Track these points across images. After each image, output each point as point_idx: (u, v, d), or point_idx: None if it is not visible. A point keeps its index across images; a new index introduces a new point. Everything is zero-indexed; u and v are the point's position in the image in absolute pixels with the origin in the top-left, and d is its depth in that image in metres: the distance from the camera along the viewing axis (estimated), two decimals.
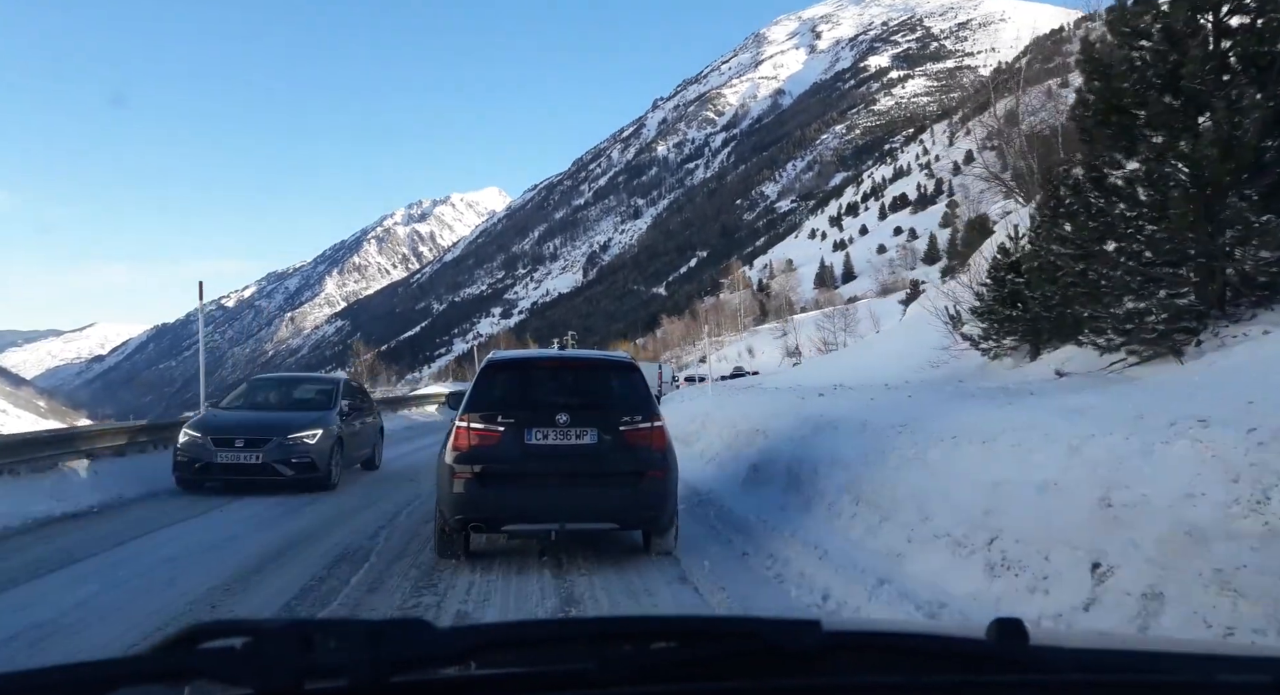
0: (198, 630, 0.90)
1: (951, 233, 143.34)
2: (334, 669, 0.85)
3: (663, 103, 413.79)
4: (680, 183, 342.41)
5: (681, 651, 0.96)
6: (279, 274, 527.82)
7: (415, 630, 0.89)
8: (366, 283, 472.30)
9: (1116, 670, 1.02)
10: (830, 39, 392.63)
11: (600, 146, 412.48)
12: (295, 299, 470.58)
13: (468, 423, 6.09)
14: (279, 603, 5.35)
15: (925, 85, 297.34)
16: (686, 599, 5.47)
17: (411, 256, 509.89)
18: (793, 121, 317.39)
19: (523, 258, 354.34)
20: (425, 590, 5.64)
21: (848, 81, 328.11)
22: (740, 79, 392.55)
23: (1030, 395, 7.91)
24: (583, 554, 6.51)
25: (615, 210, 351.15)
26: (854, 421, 7.70)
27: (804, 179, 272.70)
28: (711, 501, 8.62)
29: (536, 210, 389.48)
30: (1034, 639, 1.01)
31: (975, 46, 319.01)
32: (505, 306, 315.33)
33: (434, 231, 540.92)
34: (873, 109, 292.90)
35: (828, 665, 0.96)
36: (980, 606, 4.33)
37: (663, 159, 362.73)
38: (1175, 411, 4.33)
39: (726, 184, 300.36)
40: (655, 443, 6.19)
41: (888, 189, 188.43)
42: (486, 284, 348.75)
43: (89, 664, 0.85)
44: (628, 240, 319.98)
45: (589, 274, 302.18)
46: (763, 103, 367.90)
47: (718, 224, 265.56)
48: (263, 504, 9.22)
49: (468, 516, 5.99)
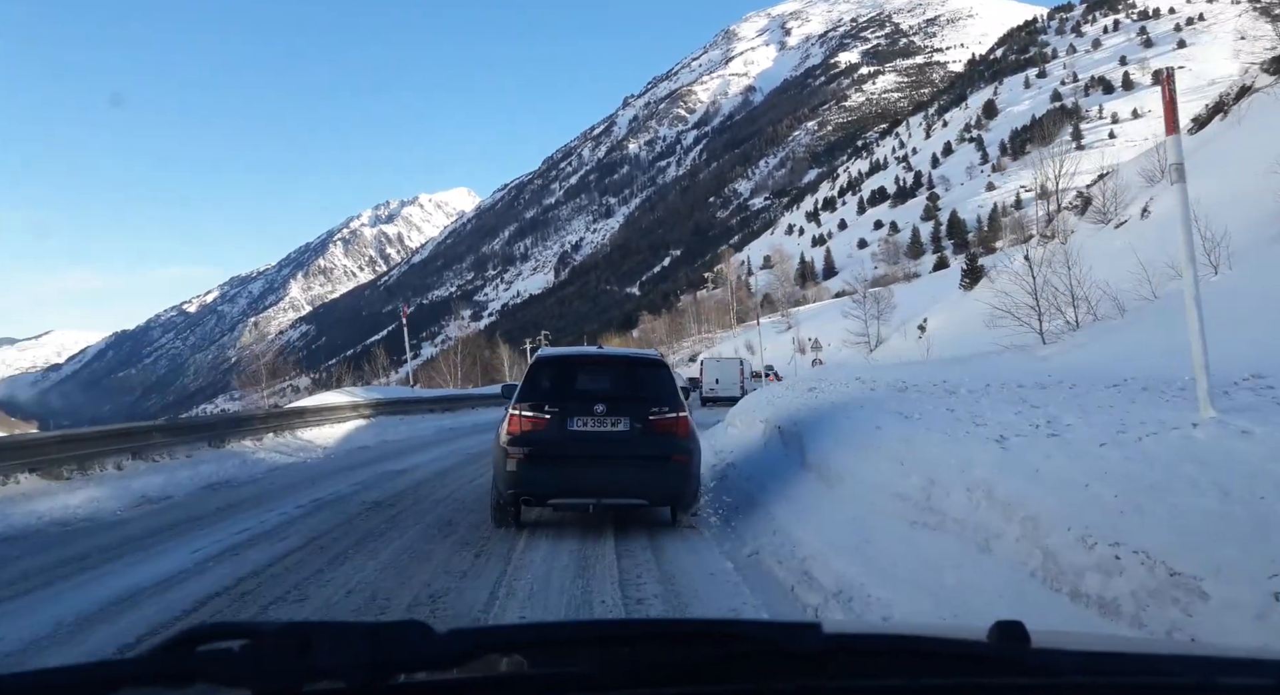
0: (197, 632, 0.90)
1: (934, 225, 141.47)
2: (332, 671, 0.85)
3: (633, 100, 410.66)
4: (652, 181, 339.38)
5: (681, 654, 0.96)
6: (242, 278, 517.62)
7: (413, 633, 0.88)
8: (332, 286, 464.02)
9: (1118, 672, 1.02)
10: (800, 36, 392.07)
11: (571, 145, 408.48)
12: (259, 303, 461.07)
13: (519, 411, 6.94)
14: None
15: (896, 81, 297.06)
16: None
17: (379, 258, 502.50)
18: (764, 118, 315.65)
19: (493, 258, 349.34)
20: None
21: (818, 78, 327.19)
22: (711, 76, 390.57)
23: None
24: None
25: (587, 209, 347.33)
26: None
27: (777, 176, 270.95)
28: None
29: (506, 210, 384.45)
30: (1035, 641, 1.01)
31: (944, 42, 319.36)
32: (475, 308, 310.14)
33: (402, 233, 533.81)
34: (844, 105, 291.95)
35: (829, 667, 0.95)
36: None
37: (634, 157, 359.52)
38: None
39: (699, 182, 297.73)
40: (680, 430, 6.93)
41: (865, 183, 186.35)
42: (456, 285, 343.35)
43: (89, 665, 0.85)
44: (600, 239, 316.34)
45: (561, 274, 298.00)
46: (734, 100, 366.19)
47: (691, 222, 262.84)
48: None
49: (519, 491, 6.82)
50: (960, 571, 4.14)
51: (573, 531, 7.05)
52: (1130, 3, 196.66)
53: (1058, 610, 3.45)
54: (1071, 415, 5.47)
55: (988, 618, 0.94)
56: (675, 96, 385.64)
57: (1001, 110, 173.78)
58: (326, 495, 9.33)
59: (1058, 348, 15.56)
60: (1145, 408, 5.44)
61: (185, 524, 7.66)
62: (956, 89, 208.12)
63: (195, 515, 8.17)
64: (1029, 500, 4.08)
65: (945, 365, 15.24)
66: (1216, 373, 4.84)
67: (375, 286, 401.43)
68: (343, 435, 16.65)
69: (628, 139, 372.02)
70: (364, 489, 9.82)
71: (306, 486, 10.15)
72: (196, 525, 7.56)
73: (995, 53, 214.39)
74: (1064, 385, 8.14)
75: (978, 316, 22.20)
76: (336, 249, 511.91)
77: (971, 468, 4.76)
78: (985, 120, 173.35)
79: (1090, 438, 4.59)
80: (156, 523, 7.79)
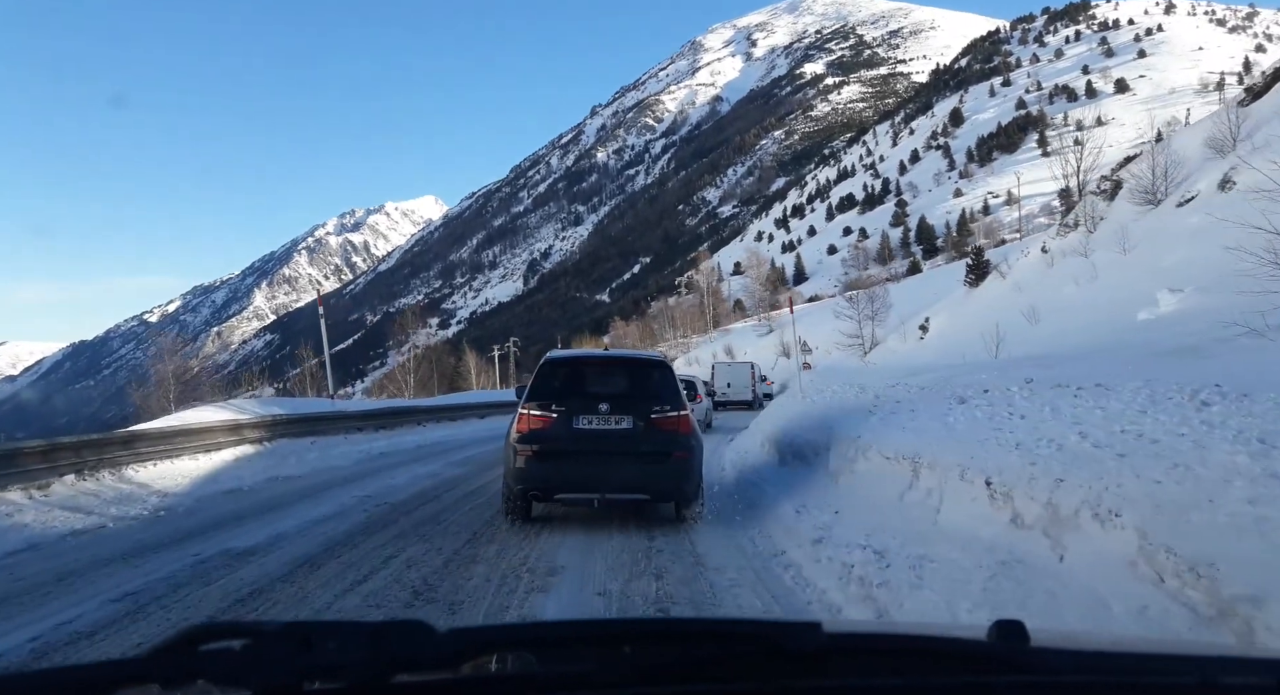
0: (198, 632, 0.90)
1: (903, 231, 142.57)
2: (333, 670, 0.85)
3: (601, 109, 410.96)
4: (621, 189, 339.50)
5: (681, 653, 0.95)
6: (205, 287, 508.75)
7: (415, 632, 0.88)
8: (297, 295, 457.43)
9: (1117, 672, 1.01)
10: (766, 47, 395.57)
11: (539, 153, 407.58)
12: (222, 313, 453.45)
13: (528, 410, 7.23)
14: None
15: (860, 91, 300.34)
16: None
17: (344, 267, 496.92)
18: (732, 128, 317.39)
19: (461, 266, 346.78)
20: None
21: (784, 88, 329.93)
22: (678, 86, 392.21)
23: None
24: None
25: (556, 217, 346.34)
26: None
27: (745, 184, 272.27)
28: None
29: (474, 218, 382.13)
30: (1035, 640, 1.01)
31: (907, 53, 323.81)
32: (443, 316, 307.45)
33: (368, 241, 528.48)
34: (810, 115, 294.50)
35: (829, 667, 0.95)
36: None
37: (603, 165, 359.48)
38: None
39: (668, 190, 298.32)
40: (681, 429, 7.22)
41: (833, 190, 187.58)
42: (423, 293, 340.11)
43: (89, 665, 0.85)
44: (569, 247, 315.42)
45: (530, 281, 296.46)
46: (701, 109, 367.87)
47: (660, 230, 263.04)
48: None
49: (527, 486, 7.15)
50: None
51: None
52: (1091, 14, 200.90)
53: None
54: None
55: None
56: (643, 106, 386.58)
57: (968, 118, 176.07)
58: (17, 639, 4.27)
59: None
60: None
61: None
62: (923, 97, 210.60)
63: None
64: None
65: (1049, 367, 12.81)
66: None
67: (341, 295, 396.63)
68: (210, 471, 11.21)
69: (596, 148, 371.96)
70: (128, 616, 4.71)
71: (20, 601, 5.06)
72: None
73: (960, 62, 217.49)
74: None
75: (987, 315, 21.56)
76: (301, 258, 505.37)
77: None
78: (952, 128, 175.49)
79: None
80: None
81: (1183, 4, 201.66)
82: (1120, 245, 16.95)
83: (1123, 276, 16.65)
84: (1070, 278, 20.19)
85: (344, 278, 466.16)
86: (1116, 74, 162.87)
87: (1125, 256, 16.81)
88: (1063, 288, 19.62)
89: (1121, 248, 16.92)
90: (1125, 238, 17.20)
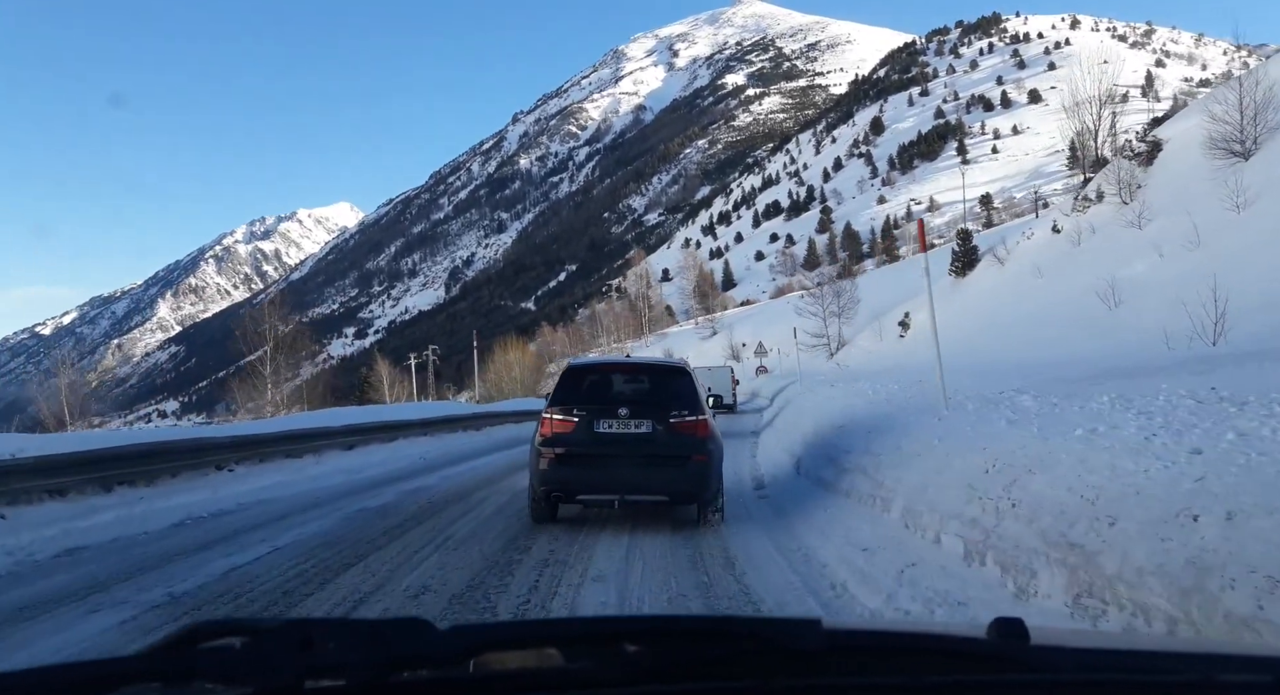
0: (198, 629, 0.89)
1: (829, 238, 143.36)
2: (334, 668, 0.84)
3: (524, 116, 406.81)
4: (545, 196, 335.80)
5: (682, 651, 0.94)
6: (104, 298, 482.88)
7: (415, 630, 0.87)
8: (204, 305, 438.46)
9: (1117, 670, 1.01)
10: (687, 57, 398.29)
11: (460, 159, 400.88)
12: (123, 324, 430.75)
13: (551, 414, 7.32)
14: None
15: (781, 102, 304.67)
16: None
17: (255, 276, 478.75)
18: (656, 136, 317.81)
19: (378, 275, 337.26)
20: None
21: (707, 98, 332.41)
22: (601, 94, 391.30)
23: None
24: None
25: (478, 224, 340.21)
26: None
27: (670, 192, 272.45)
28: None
29: (392, 225, 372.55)
30: (1034, 638, 1.00)
31: (825, 66, 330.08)
32: (359, 326, 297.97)
33: (280, 249, 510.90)
34: (733, 125, 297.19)
35: (828, 665, 0.94)
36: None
37: (526, 172, 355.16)
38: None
39: (593, 197, 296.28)
40: (699, 432, 7.19)
41: (759, 197, 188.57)
42: (338, 303, 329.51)
43: (89, 663, 0.85)
44: (493, 255, 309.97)
45: (452, 290, 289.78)
46: (625, 118, 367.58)
47: (586, 237, 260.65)
48: None
49: (550, 488, 7.23)
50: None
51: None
52: (1002, 28, 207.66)
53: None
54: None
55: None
56: (566, 113, 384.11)
57: (888, 126, 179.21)
58: None
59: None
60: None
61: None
62: (844, 106, 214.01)
63: None
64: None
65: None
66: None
67: (251, 304, 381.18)
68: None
69: (519, 154, 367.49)
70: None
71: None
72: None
73: (879, 72, 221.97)
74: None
75: (987, 306, 19.16)
76: (209, 266, 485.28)
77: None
78: (873, 136, 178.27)
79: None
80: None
81: (1086, 20, 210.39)
82: (1230, 202, 14.45)
83: (1241, 239, 13.82)
84: (1149, 247, 17.35)
85: (254, 287, 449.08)
86: (1029, 85, 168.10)
87: (1240, 216, 14.21)
88: (1133, 262, 17.07)
89: (1234, 205, 14.44)
90: (1240, 192, 14.59)
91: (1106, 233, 21.56)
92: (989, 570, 4.22)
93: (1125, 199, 23.02)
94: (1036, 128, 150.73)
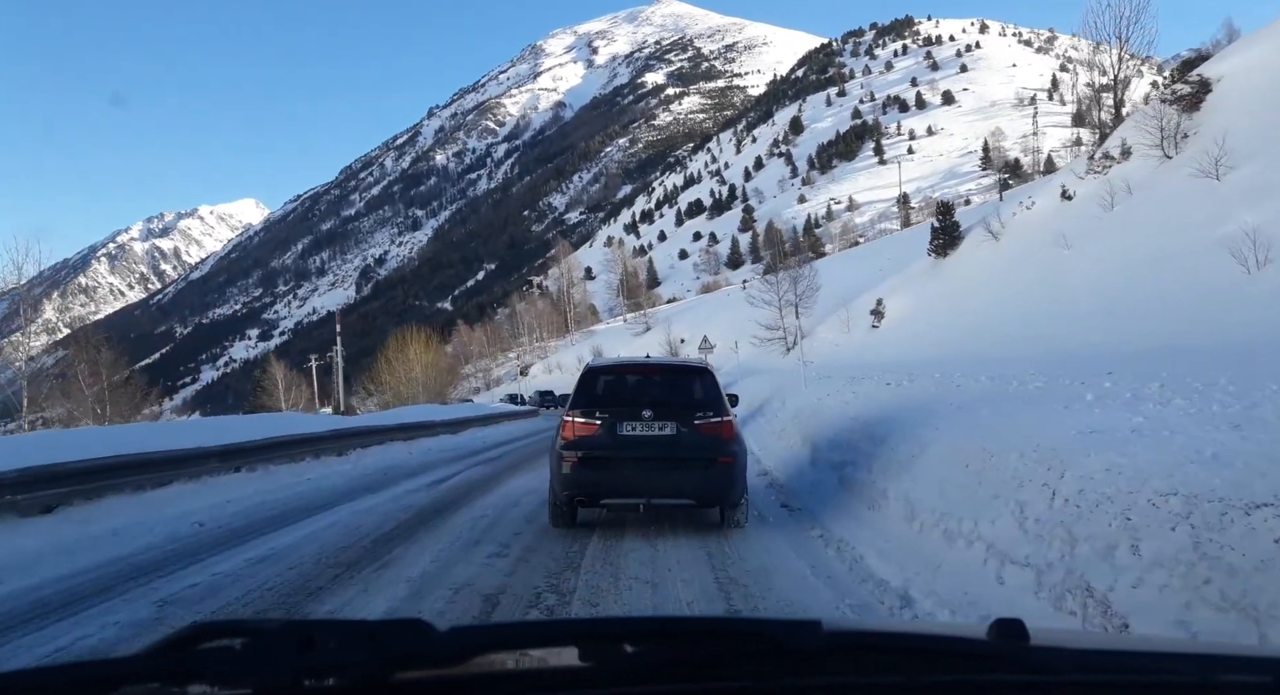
0: (198, 630, 0.89)
1: (752, 236, 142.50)
2: (333, 668, 0.84)
3: (439, 111, 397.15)
4: (462, 193, 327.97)
5: (682, 651, 0.94)
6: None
7: (414, 630, 0.87)
8: (96, 306, 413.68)
9: (1117, 670, 1.00)
10: (607, 55, 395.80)
11: (372, 154, 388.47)
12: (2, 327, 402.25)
13: (573, 417, 7.16)
14: None
15: (700, 102, 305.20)
16: None
17: (152, 275, 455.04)
18: (576, 134, 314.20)
19: (284, 274, 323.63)
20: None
21: (627, 96, 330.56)
22: (520, 90, 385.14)
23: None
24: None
25: (391, 221, 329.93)
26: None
27: (591, 190, 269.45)
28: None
29: (299, 222, 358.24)
30: (1035, 639, 1.00)
31: (743, 67, 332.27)
32: (264, 327, 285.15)
33: (179, 247, 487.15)
34: (653, 124, 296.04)
35: (829, 665, 0.94)
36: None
37: (442, 168, 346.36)
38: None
39: (512, 195, 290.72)
40: (724, 434, 7.08)
41: (681, 196, 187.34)
42: (241, 303, 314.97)
43: (89, 663, 0.84)
44: (407, 253, 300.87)
45: (364, 289, 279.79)
46: (544, 114, 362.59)
47: (505, 235, 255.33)
48: None
49: (573, 492, 7.07)
50: None
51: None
52: (915, 30, 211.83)
53: None
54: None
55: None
56: (483, 109, 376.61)
57: (807, 126, 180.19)
58: None
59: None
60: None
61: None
62: (763, 106, 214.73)
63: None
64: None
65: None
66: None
67: (147, 305, 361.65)
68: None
69: (434, 150, 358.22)
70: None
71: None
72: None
73: (797, 72, 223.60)
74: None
75: (985, 288, 16.12)
76: (101, 265, 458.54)
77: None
78: (793, 136, 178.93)
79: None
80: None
81: (994, 25, 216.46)
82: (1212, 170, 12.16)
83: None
84: (1251, 195, 13.95)
85: (151, 287, 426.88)
86: (943, 86, 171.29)
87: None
88: (1232, 216, 13.80)
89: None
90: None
91: (1157, 190, 19.00)
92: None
93: (1169, 152, 20.28)
94: (950, 129, 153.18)
